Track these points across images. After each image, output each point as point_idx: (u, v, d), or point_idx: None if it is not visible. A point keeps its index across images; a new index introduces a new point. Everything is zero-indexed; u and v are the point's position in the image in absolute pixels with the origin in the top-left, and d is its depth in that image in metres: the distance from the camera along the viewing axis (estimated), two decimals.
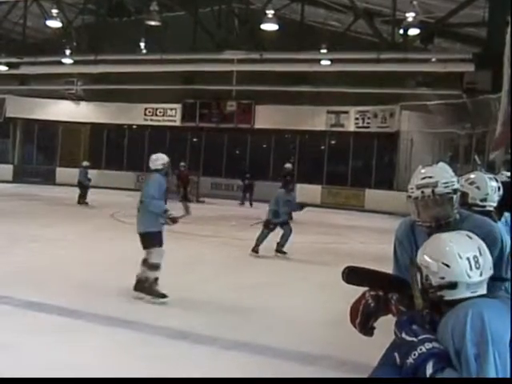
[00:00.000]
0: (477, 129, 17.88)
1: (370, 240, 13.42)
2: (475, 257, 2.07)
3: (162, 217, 6.61)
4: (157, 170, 6.82)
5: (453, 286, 2.05)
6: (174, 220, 6.76)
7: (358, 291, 2.53)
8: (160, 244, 6.64)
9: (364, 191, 22.05)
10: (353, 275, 2.40)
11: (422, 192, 2.59)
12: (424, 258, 2.16)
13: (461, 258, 2.06)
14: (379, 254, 2.33)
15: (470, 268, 2.05)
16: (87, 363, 4.50)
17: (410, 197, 2.64)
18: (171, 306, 6.47)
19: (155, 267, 6.58)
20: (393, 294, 2.38)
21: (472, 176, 3.68)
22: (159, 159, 6.89)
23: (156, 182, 6.72)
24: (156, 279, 6.60)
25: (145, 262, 6.64)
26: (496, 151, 12.11)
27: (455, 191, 2.60)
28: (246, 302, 6.85)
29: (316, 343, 5.44)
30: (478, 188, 3.49)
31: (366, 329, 2.50)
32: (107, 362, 4.58)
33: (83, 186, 18.05)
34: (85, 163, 19.04)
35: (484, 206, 3.46)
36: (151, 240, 6.59)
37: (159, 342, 5.27)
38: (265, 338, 5.49)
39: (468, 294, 2.04)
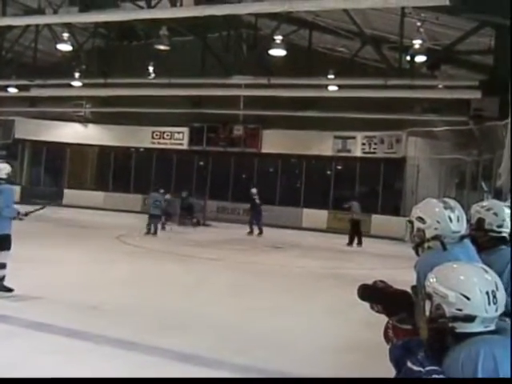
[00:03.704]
0: (483, 155, 17.87)
1: (376, 265, 13.36)
2: (493, 291, 2.02)
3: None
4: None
5: (470, 319, 2.00)
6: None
7: (361, 316, 2.52)
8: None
9: (370, 216, 21.97)
10: (366, 293, 2.41)
11: None
12: (438, 286, 2.08)
13: (481, 292, 2.01)
14: (385, 280, 2.37)
15: (489, 303, 2.00)
16: None
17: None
18: (175, 329, 6.43)
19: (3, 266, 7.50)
20: (392, 317, 2.35)
21: (489, 203, 3.80)
22: (7, 168, 7.73)
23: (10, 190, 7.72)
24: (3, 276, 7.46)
25: None
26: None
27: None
28: (251, 326, 6.80)
29: (322, 368, 5.39)
30: (495, 214, 3.55)
31: None
32: None
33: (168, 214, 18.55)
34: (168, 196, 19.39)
35: (500, 232, 3.51)
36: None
37: (162, 364, 5.23)
38: (271, 363, 5.45)
39: (481, 329, 2.00)
